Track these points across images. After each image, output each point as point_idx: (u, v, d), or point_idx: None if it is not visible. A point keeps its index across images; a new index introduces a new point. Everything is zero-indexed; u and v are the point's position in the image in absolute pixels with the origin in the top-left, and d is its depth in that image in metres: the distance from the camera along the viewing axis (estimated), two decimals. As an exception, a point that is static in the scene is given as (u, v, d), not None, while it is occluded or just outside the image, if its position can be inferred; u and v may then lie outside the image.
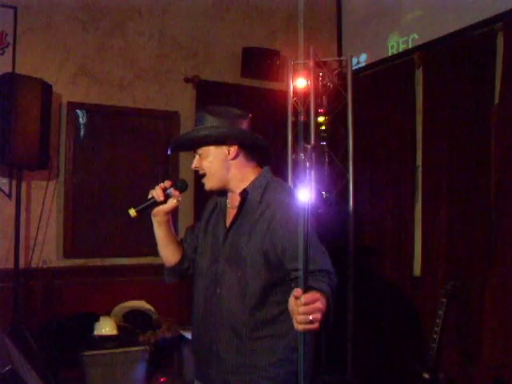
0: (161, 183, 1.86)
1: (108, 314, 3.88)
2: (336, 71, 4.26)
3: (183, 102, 4.45)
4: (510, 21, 3.31)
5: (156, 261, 2.04)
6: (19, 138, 3.45)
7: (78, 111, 4.19)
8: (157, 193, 1.83)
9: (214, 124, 1.79)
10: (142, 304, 4.07)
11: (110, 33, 4.27)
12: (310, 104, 3.92)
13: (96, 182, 4.24)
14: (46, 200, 3.97)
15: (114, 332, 3.67)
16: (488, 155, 3.38)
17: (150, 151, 4.41)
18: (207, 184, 1.85)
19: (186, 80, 4.48)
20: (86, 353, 3.50)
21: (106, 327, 3.66)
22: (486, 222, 3.38)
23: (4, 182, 3.90)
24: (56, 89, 3.89)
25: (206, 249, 1.91)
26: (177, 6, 4.50)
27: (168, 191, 1.84)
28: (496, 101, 3.38)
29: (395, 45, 4.35)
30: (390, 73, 4.33)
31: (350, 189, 3.99)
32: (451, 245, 3.63)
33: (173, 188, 1.84)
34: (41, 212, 3.93)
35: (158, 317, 4.03)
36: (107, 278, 4.14)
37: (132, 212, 1.81)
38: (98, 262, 4.18)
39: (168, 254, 1.97)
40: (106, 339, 3.60)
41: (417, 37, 4.13)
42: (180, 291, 4.02)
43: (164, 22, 4.45)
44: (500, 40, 3.39)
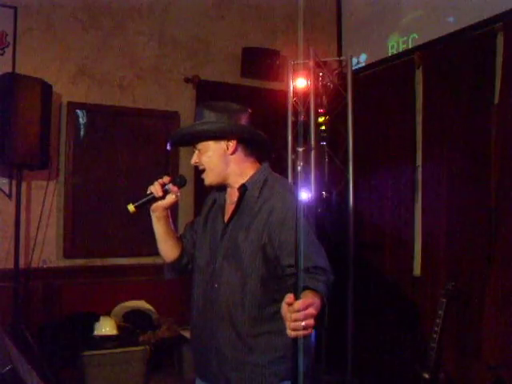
0: (160, 179, 1.86)
1: (108, 314, 3.89)
2: (336, 71, 4.26)
3: (183, 102, 4.45)
4: (510, 21, 3.31)
5: (156, 261, 2.04)
6: (19, 138, 3.45)
7: (78, 111, 4.20)
8: (155, 188, 1.83)
9: (213, 119, 1.79)
10: (142, 304, 4.07)
11: (110, 33, 4.27)
12: (309, 104, 3.92)
13: (96, 182, 4.24)
14: (46, 200, 3.97)
15: (114, 332, 3.67)
16: (488, 155, 3.39)
17: (150, 151, 4.41)
18: (206, 179, 1.85)
19: (186, 80, 4.49)
20: (86, 353, 3.50)
21: (106, 327, 3.66)
22: (485, 222, 3.38)
23: (4, 182, 3.90)
24: (56, 89, 3.89)
25: (205, 244, 1.90)
26: (177, 6, 4.50)
27: (167, 187, 1.84)
28: (496, 101, 3.38)
29: (395, 45, 4.35)
30: (390, 73, 4.33)
31: (349, 189, 3.99)
32: (451, 245, 3.63)
33: (171, 184, 1.85)
34: (41, 212, 3.93)
35: (158, 317, 4.03)
36: (107, 278, 4.14)
37: (131, 207, 1.81)
38: (98, 262, 4.18)
39: (167, 249, 1.97)
40: (105, 339, 3.61)
41: (417, 37, 4.13)
42: (180, 291, 4.01)
43: (164, 22, 4.46)
44: (500, 40, 3.39)
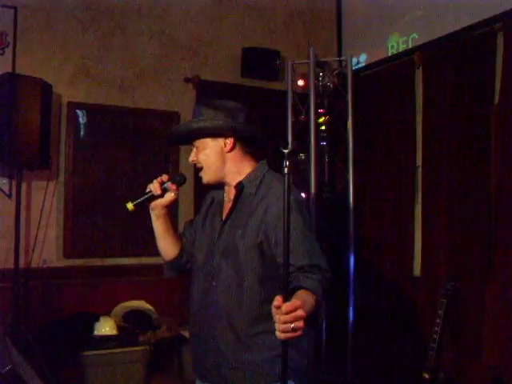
0: (158, 177, 1.87)
1: (108, 314, 3.88)
2: (336, 71, 4.26)
3: (183, 102, 4.45)
4: (510, 21, 3.31)
5: (156, 261, 2.04)
6: (19, 138, 3.45)
7: (78, 111, 4.19)
8: (154, 186, 1.84)
9: (211, 116, 1.80)
10: (142, 304, 4.07)
11: (110, 33, 4.27)
12: (310, 104, 3.92)
13: (96, 182, 4.24)
14: (46, 200, 3.97)
15: (114, 332, 3.67)
16: (488, 155, 3.38)
17: (150, 151, 4.41)
18: (204, 177, 1.86)
19: (186, 80, 4.49)
20: (86, 353, 3.49)
21: (105, 327, 3.66)
22: (485, 222, 3.38)
23: (4, 182, 3.90)
24: (56, 89, 3.89)
25: (203, 242, 1.90)
26: (177, 6, 4.50)
27: (165, 185, 1.85)
28: (496, 101, 3.38)
29: (395, 45, 4.35)
30: (390, 73, 4.33)
31: (350, 189, 3.99)
32: (451, 245, 3.62)
33: (170, 182, 1.85)
34: (41, 212, 3.93)
35: (158, 317, 4.03)
36: (107, 278, 4.14)
37: (129, 206, 1.82)
38: (98, 262, 4.18)
39: (166, 247, 1.97)
40: (106, 339, 3.61)
41: (417, 37, 4.13)
42: (180, 291, 4.02)
43: (164, 22, 4.46)
44: (500, 40, 3.38)
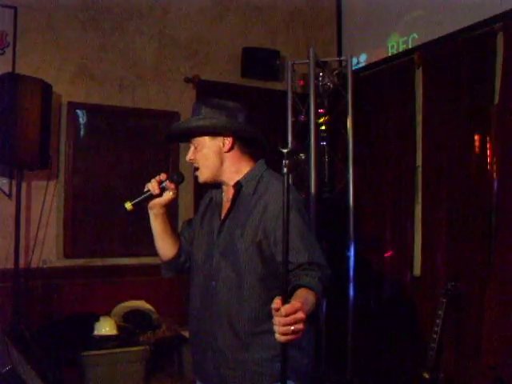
0: (156, 176, 1.86)
1: (108, 314, 3.88)
2: (336, 71, 4.26)
3: (183, 102, 4.44)
4: (510, 21, 3.30)
5: (156, 261, 2.03)
6: (19, 137, 3.45)
7: (78, 111, 4.19)
8: (152, 186, 1.83)
9: (210, 115, 1.79)
10: (142, 304, 4.07)
11: (110, 33, 4.27)
12: (310, 104, 3.92)
13: (96, 182, 4.24)
14: (46, 200, 3.97)
15: (114, 332, 3.67)
16: (488, 155, 3.38)
17: (150, 151, 4.40)
18: (201, 176, 1.84)
19: (186, 80, 4.48)
20: (86, 353, 3.49)
21: (105, 327, 3.66)
22: (485, 222, 3.38)
23: (4, 182, 3.90)
24: (56, 89, 3.89)
25: (202, 242, 1.90)
26: (177, 6, 4.50)
27: (164, 184, 1.84)
28: (496, 101, 3.38)
29: (395, 45, 4.35)
30: (390, 73, 4.33)
31: (349, 189, 3.99)
32: (451, 245, 3.62)
33: (168, 181, 1.84)
34: (41, 212, 3.93)
35: (158, 317, 4.03)
36: (107, 278, 4.14)
37: (128, 205, 1.81)
38: (98, 261, 4.18)
39: (165, 247, 1.95)
40: (106, 339, 3.60)
41: (417, 37, 4.13)
42: (180, 291, 4.02)
43: (164, 22, 4.46)
44: (500, 40, 3.38)
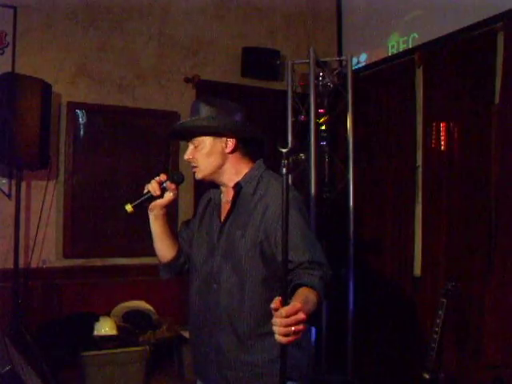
0: (156, 177, 1.82)
1: (108, 314, 3.89)
2: (336, 71, 4.26)
3: (183, 102, 4.44)
4: (510, 21, 3.30)
5: (156, 261, 2.03)
6: (19, 138, 3.45)
7: (78, 111, 4.19)
8: (153, 187, 1.80)
9: (214, 115, 1.76)
10: (141, 304, 4.07)
11: (110, 33, 4.27)
12: (310, 104, 3.92)
13: (96, 182, 4.24)
14: (46, 200, 3.97)
15: (114, 332, 3.67)
16: (488, 155, 3.38)
17: (150, 151, 4.41)
18: (199, 173, 1.82)
19: (186, 80, 4.49)
20: (86, 353, 3.49)
21: (105, 327, 3.66)
22: (485, 222, 3.38)
23: (4, 182, 3.90)
24: (56, 89, 3.89)
25: (201, 244, 1.88)
26: (177, 6, 4.50)
27: (164, 184, 1.81)
28: (496, 101, 3.38)
29: (395, 45, 4.35)
30: (390, 73, 4.33)
31: (349, 189, 3.99)
32: (451, 245, 3.63)
33: (168, 181, 1.81)
34: (41, 212, 3.93)
35: (158, 317, 4.03)
36: (107, 278, 4.14)
37: (128, 207, 1.78)
38: (98, 262, 4.18)
39: (164, 249, 1.94)
40: (106, 339, 3.61)
41: (417, 37, 4.13)
42: (180, 291, 4.02)
43: (164, 22, 4.46)
44: (500, 40, 3.38)
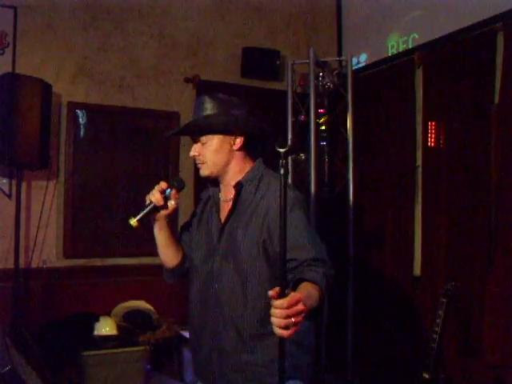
0: (156, 186, 1.75)
1: (108, 314, 3.88)
2: (336, 71, 4.26)
3: (183, 102, 4.45)
4: (510, 21, 3.30)
5: (156, 261, 2.03)
6: (19, 138, 3.45)
7: (78, 111, 4.19)
8: (156, 198, 1.73)
9: (221, 111, 1.75)
10: (141, 304, 4.07)
11: (110, 33, 4.27)
12: (309, 104, 3.92)
13: (96, 182, 4.24)
14: (46, 200, 3.97)
15: (114, 332, 3.67)
16: (488, 155, 3.39)
17: (150, 151, 4.41)
18: (205, 170, 1.79)
19: (186, 80, 4.48)
20: (86, 353, 3.49)
21: (105, 327, 3.66)
22: (486, 222, 3.38)
23: (4, 182, 3.89)
24: (56, 89, 3.89)
25: (200, 244, 1.86)
26: (177, 5, 4.50)
27: (167, 193, 1.75)
28: (496, 101, 3.38)
29: (395, 45, 4.35)
30: (390, 73, 4.33)
31: (349, 189, 3.99)
32: (451, 245, 3.63)
33: (169, 189, 1.75)
34: (41, 212, 3.93)
35: (158, 317, 4.03)
36: (107, 278, 4.13)
37: (133, 222, 1.70)
38: (98, 262, 4.18)
39: (170, 255, 1.91)
40: (106, 339, 3.60)
41: (417, 37, 4.13)
42: (180, 291, 4.01)
43: (164, 22, 4.45)
44: (500, 40, 3.38)
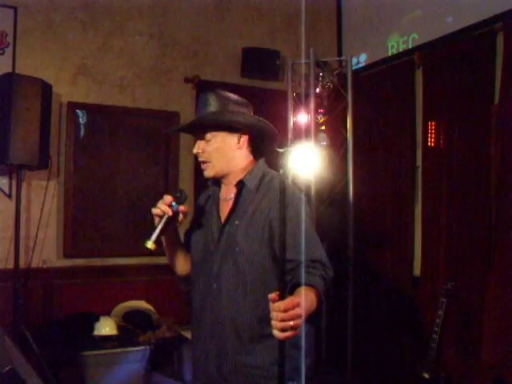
0: (161, 201, 1.71)
1: (108, 314, 3.89)
2: (336, 71, 4.25)
3: (183, 102, 4.45)
4: (510, 21, 3.31)
5: (156, 261, 2.03)
6: (19, 137, 3.45)
7: (78, 111, 4.19)
8: (165, 209, 1.68)
9: (227, 108, 1.75)
10: (141, 304, 4.07)
11: (110, 33, 4.27)
12: (309, 104, 3.92)
13: (96, 182, 4.23)
14: (46, 200, 3.97)
15: (114, 332, 3.67)
16: (488, 155, 3.39)
17: (150, 151, 4.41)
18: (210, 170, 1.78)
19: (186, 80, 4.48)
20: (86, 353, 3.49)
21: (105, 327, 3.66)
22: (485, 221, 3.38)
23: (4, 182, 3.89)
24: (56, 89, 3.88)
25: (199, 243, 1.85)
26: (177, 6, 4.50)
27: (175, 208, 1.70)
28: (496, 101, 3.38)
29: (395, 45, 4.35)
30: (390, 73, 4.33)
31: (349, 189, 3.99)
32: (451, 245, 3.63)
33: (177, 204, 1.70)
34: (41, 212, 3.93)
35: (158, 317, 4.03)
36: (107, 278, 4.13)
37: (150, 245, 1.65)
38: (98, 261, 4.18)
39: (181, 263, 1.92)
40: (106, 339, 3.61)
41: (417, 37, 4.13)
42: (180, 291, 4.01)
43: (164, 22, 4.45)
44: (500, 40, 3.39)
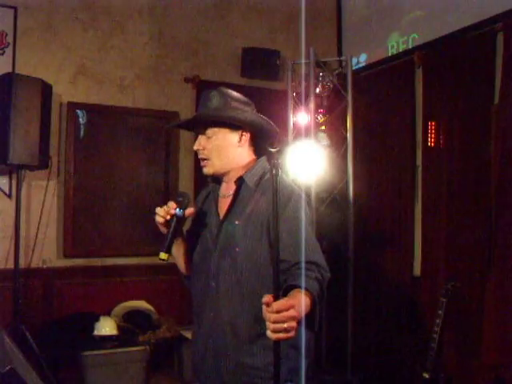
0: (165, 207, 1.70)
1: (108, 314, 3.89)
2: (336, 71, 4.25)
3: (183, 102, 4.45)
4: (510, 21, 3.31)
5: (156, 261, 2.02)
6: (19, 138, 3.45)
7: (78, 111, 4.19)
8: (168, 211, 1.68)
9: (227, 105, 1.74)
10: (141, 304, 4.07)
11: (110, 33, 4.27)
12: (309, 104, 3.92)
13: (96, 182, 4.24)
14: (46, 200, 3.97)
15: (114, 332, 3.67)
16: (488, 155, 3.39)
17: (150, 151, 4.41)
18: (210, 168, 1.77)
19: (186, 80, 4.49)
20: (86, 353, 3.50)
21: (105, 327, 3.66)
22: (485, 222, 3.38)
23: (4, 182, 3.90)
24: (56, 89, 3.89)
25: (199, 241, 1.84)
26: (177, 6, 4.50)
27: (178, 214, 1.69)
28: (496, 101, 3.38)
29: (395, 45, 4.35)
30: (390, 73, 4.33)
31: (350, 189, 3.99)
32: (451, 245, 3.63)
33: (182, 209, 1.70)
34: (41, 212, 3.93)
35: (158, 317, 4.03)
36: (107, 278, 4.14)
37: (164, 256, 1.67)
38: (98, 261, 4.18)
39: (185, 262, 1.90)
40: (106, 339, 3.61)
41: (417, 37, 4.13)
42: (180, 291, 4.03)
43: (164, 22, 4.46)
44: (500, 40, 3.39)
